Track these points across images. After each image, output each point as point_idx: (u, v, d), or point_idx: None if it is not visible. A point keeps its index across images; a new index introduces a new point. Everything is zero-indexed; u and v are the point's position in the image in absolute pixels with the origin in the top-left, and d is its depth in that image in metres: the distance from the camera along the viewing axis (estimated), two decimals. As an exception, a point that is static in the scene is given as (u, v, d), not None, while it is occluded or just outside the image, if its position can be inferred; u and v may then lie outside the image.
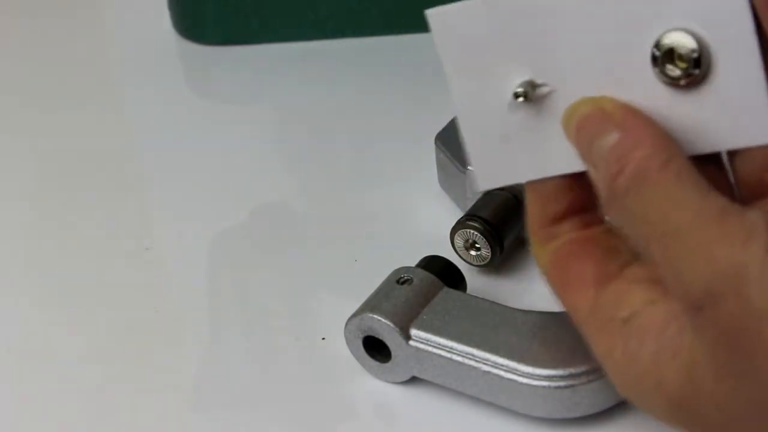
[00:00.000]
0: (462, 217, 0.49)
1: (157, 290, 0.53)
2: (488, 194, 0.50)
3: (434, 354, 0.43)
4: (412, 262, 0.47)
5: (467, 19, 0.39)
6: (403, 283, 0.45)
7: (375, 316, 0.44)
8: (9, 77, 0.70)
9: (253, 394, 0.46)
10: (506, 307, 0.45)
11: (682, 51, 0.36)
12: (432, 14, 0.39)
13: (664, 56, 0.36)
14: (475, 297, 0.45)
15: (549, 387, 0.42)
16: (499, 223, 0.49)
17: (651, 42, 0.36)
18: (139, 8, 0.73)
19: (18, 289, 0.53)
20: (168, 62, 0.70)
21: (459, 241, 0.49)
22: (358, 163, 0.60)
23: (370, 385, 0.46)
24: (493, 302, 0.45)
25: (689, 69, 0.36)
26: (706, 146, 0.36)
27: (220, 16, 0.68)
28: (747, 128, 0.36)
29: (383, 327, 0.44)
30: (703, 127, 0.36)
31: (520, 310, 0.44)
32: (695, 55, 0.36)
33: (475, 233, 0.49)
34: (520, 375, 0.42)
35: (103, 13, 0.76)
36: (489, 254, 0.49)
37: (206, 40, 0.69)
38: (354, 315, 0.45)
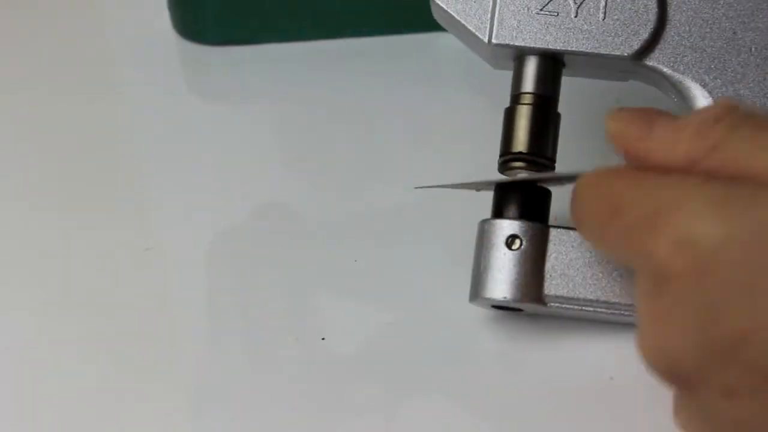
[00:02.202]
0: None
1: (157, 290, 0.53)
2: None
3: (573, 310, 0.44)
4: (413, 262, 0.47)
5: None
6: (514, 248, 0.45)
7: (507, 297, 0.44)
8: (7, 77, 0.69)
9: (253, 395, 0.46)
10: None
11: None
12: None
13: None
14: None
15: None
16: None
17: None
18: (138, 8, 0.73)
19: (17, 289, 0.53)
20: (168, 62, 0.70)
21: None
22: (358, 163, 0.60)
23: (370, 386, 0.46)
24: None
25: None
26: None
27: (220, 16, 0.68)
28: None
29: (517, 302, 0.44)
30: None
31: None
32: None
33: None
34: None
35: (102, 13, 0.76)
36: None
37: (206, 40, 0.69)
38: (478, 295, 0.45)
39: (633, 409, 0.44)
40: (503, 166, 0.46)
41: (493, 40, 0.45)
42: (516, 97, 0.46)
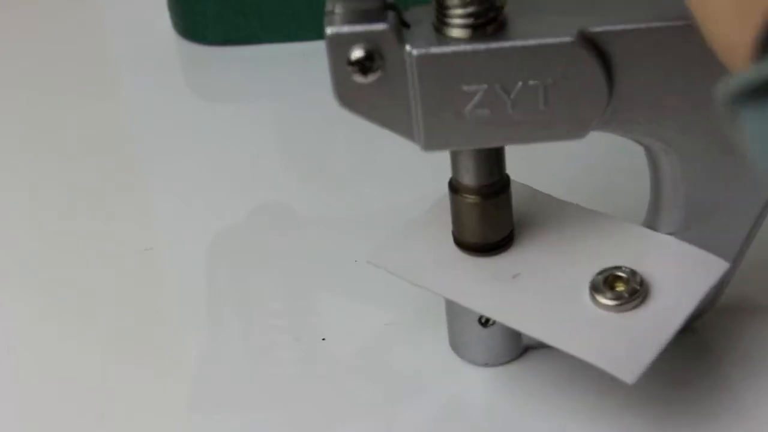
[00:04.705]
0: None
1: (157, 290, 0.53)
2: None
3: None
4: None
5: None
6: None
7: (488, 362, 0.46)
8: (7, 77, 0.70)
9: (253, 395, 0.46)
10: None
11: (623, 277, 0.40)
12: (372, 255, 0.44)
13: (603, 284, 0.40)
14: None
15: None
16: None
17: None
18: (138, 8, 0.73)
19: (17, 290, 0.53)
20: (168, 62, 0.70)
21: None
22: (358, 162, 0.60)
23: (370, 386, 0.46)
24: None
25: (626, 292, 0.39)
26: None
27: (220, 16, 0.68)
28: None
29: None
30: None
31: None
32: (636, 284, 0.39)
33: None
34: None
35: (102, 13, 0.76)
36: None
37: (206, 40, 0.69)
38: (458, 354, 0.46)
39: None
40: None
41: (424, 150, 0.39)
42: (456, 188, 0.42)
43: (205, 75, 0.68)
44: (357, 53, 0.37)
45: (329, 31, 0.37)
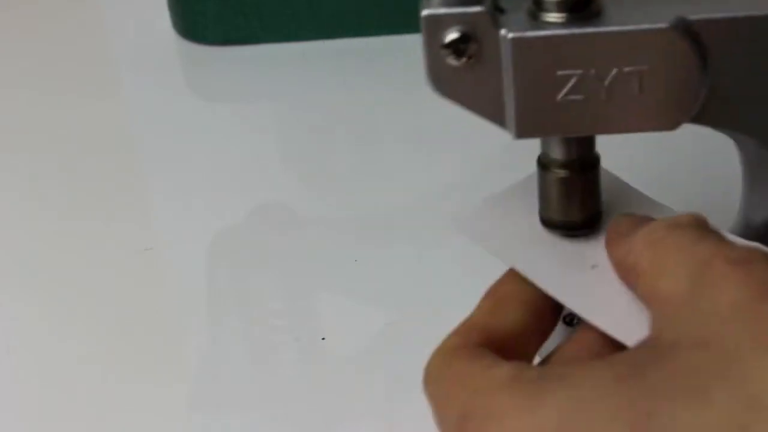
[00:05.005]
0: None
1: (157, 290, 0.53)
2: None
3: None
4: (413, 262, 0.47)
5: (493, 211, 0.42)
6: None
7: None
8: (8, 77, 0.70)
9: (253, 394, 0.46)
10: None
11: None
12: (457, 221, 0.42)
13: None
14: None
15: None
16: None
17: None
18: (139, 8, 0.73)
19: (17, 290, 0.53)
20: (168, 62, 0.70)
21: None
22: (357, 162, 0.60)
23: (370, 386, 0.46)
24: None
25: None
26: None
27: (220, 16, 0.68)
28: None
29: None
30: None
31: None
32: None
33: None
34: None
35: (103, 13, 0.76)
36: None
37: (206, 40, 0.69)
38: None
39: None
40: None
41: (516, 137, 0.39)
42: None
43: (205, 75, 0.68)
44: (452, 35, 0.37)
45: (425, 12, 0.37)
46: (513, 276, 0.39)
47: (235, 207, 0.57)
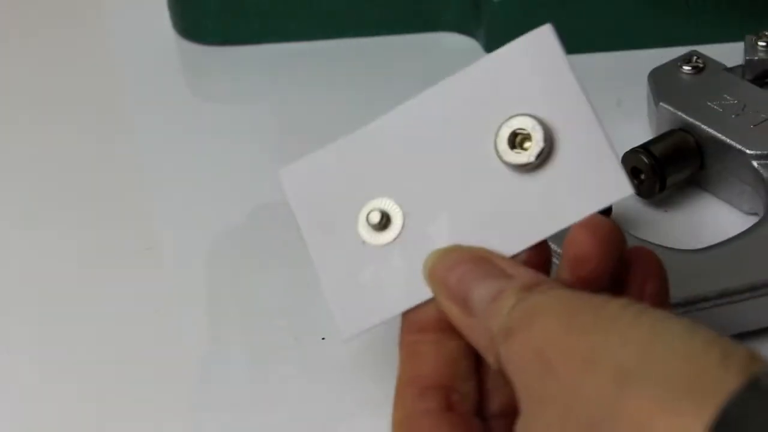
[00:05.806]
0: (635, 147, 0.53)
1: (157, 290, 0.53)
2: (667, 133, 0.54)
3: None
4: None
5: (318, 168, 0.41)
6: None
7: None
8: (7, 77, 0.70)
9: (253, 394, 0.46)
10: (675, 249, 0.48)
11: (525, 131, 0.37)
12: (284, 172, 0.41)
13: (508, 143, 0.38)
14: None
15: None
16: (666, 159, 0.52)
17: (492, 136, 0.38)
18: (138, 8, 0.73)
19: (18, 290, 0.53)
20: (168, 62, 0.70)
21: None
22: (358, 163, 0.60)
23: (370, 386, 0.46)
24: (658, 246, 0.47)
25: (534, 147, 0.37)
26: (563, 221, 0.37)
27: (220, 16, 0.68)
28: (599, 189, 0.37)
29: None
30: (556, 202, 0.37)
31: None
32: (538, 132, 0.37)
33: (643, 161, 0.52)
34: None
35: (102, 13, 0.76)
36: (650, 187, 0.52)
37: (206, 40, 0.69)
38: None
39: None
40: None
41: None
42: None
43: (205, 75, 0.68)
44: None
45: None
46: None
47: (235, 207, 0.57)
